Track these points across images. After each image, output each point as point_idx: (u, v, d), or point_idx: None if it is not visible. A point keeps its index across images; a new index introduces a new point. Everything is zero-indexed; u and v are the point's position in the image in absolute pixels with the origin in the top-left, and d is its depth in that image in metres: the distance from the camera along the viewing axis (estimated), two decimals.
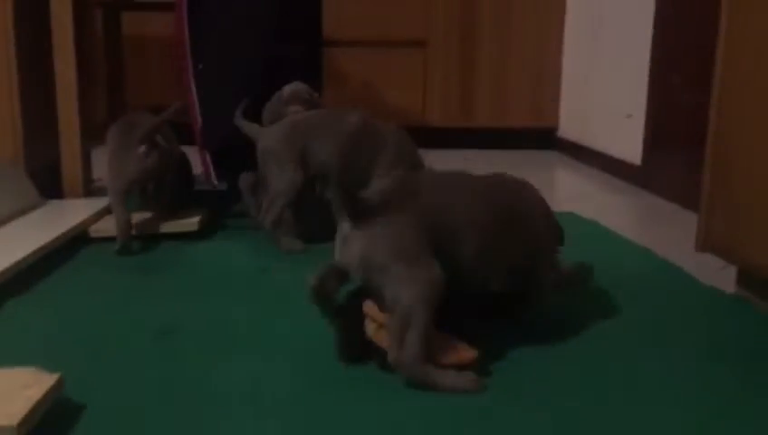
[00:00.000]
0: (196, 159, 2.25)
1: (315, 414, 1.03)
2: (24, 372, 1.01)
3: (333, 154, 1.80)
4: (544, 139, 3.71)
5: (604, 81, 3.26)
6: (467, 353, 1.14)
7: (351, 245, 1.12)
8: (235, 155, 2.17)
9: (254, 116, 2.01)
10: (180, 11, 2.16)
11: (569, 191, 2.86)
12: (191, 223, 1.87)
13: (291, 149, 1.80)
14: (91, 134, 2.46)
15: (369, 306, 1.16)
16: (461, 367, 1.12)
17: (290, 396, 1.08)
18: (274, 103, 2.04)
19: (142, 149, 1.80)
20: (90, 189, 2.33)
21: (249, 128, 1.90)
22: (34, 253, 1.59)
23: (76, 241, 1.81)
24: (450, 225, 1.15)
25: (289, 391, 1.10)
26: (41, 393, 0.95)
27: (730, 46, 1.43)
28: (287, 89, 2.07)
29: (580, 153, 3.43)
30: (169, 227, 1.87)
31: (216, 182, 2.20)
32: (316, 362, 1.19)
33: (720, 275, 1.59)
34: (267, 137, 1.84)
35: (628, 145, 2.94)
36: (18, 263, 1.52)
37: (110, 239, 1.84)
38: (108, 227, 1.87)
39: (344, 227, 1.14)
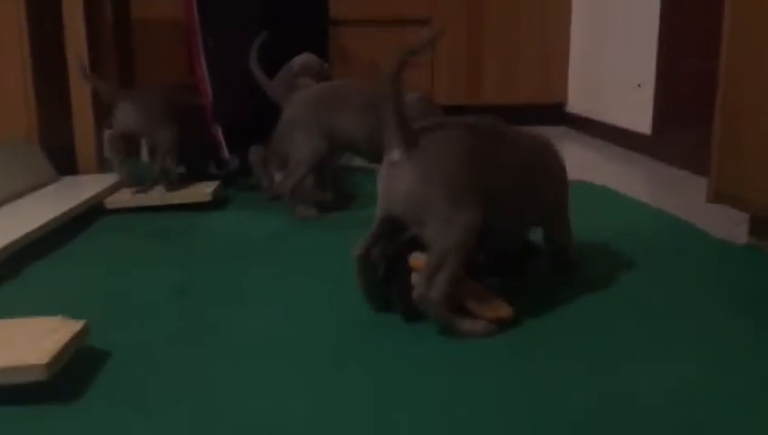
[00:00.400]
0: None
1: (324, 364, 1.05)
2: (51, 320, 1.03)
3: (360, 126, 1.81)
4: (553, 114, 3.71)
5: (613, 52, 3.26)
6: (504, 310, 1.16)
7: (400, 175, 1.09)
8: (246, 128, 2.20)
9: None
10: None
11: (579, 163, 2.86)
12: (205, 193, 1.89)
13: (317, 119, 1.81)
14: (103, 114, 2.49)
15: (415, 259, 1.16)
16: (497, 322, 1.14)
17: (301, 346, 1.09)
18: (285, 74, 2.05)
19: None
20: (104, 167, 2.36)
21: (261, 77, 1.91)
22: (53, 220, 1.61)
23: (92, 212, 1.83)
24: (495, 171, 1.16)
25: (300, 341, 1.11)
26: (68, 336, 0.97)
27: (737, 8, 1.44)
28: (297, 60, 2.08)
29: (590, 127, 3.43)
30: (183, 196, 1.90)
31: (227, 156, 2.22)
32: (328, 316, 1.21)
33: (733, 232, 1.60)
34: (294, 104, 1.84)
35: (638, 115, 2.94)
36: (38, 229, 1.54)
37: (126, 210, 1.87)
38: (123, 198, 1.90)
39: (394, 153, 1.11)
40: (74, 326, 1.01)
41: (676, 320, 1.18)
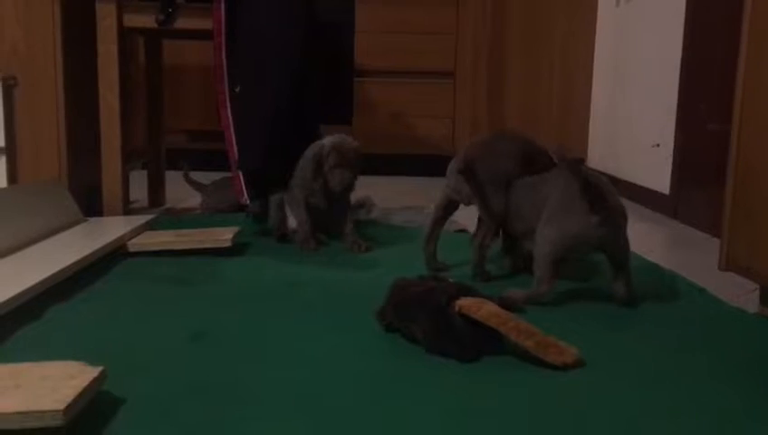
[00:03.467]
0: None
1: (342, 419, 1.06)
2: (70, 365, 1.06)
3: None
4: None
5: (632, 111, 3.29)
6: (569, 354, 1.23)
7: None
8: (269, 176, 2.24)
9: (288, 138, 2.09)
10: (219, 36, 2.26)
11: None
12: (224, 239, 1.93)
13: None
14: (131, 157, 2.56)
15: (463, 301, 1.27)
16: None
17: (318, 399, 1.11)
18: (313, 159, 2.06)
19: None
20: (128, 209, 2.42)
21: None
22: (76, 263, 1.66)
23: (115, 255, 1.88)
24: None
25: (317, 394, 1.13)
26: (85, 383, 1.00)
27: (749, 75, 1.47)
28: (329, 143, 2.08)
29: None
30: (204, 242, 1.94)
31: (248, 202, 2.27)
32: (347, 368, 1.23)
33: (746, 299, 1.60)
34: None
35: (657, 175, 2.96)
36: (61, 272, 1.58)
37: (148, 253, 1.91)
38: (145, 241, 1.95)
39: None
40: (92, 373, 1.04)
41: (683, 387, 1.19)
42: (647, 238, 2.48)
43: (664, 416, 1.09)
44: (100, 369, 1.05)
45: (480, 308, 1.25)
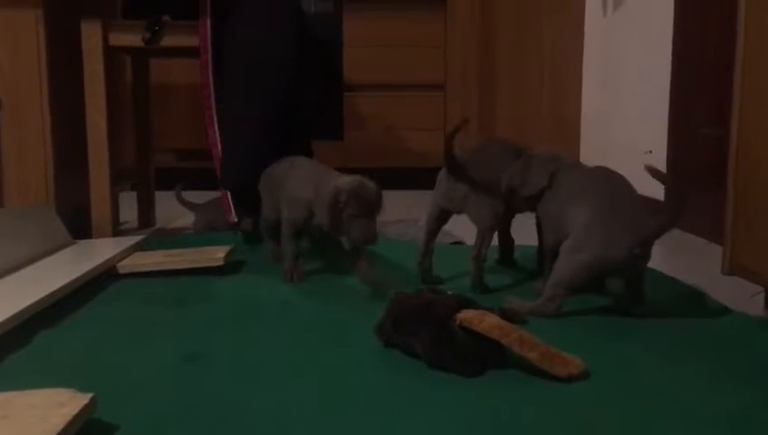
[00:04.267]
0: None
1: None
2: (59, 393, 1.02)
3: None
4: None
5: (623, 118, 3.29)
6: (574, 365, 1.20)
7: None
8: (256, 194, 2.22)
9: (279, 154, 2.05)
10: (205, 53, 2.23)
11: None
12: (217, 258, 1.90)
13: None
14: (120, 179, 2.53)
15: (464, 313, 1.23)
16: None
17: (313, 423, 1.08)
18: (329, 208, 1.69)
19: None
20: (117, 231, 2.38)
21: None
22: (64, 287, 1.61)
23: (105, 278, 1.84)
24: None
25: (313, 417, 1.10)
26: (75, 411, 0.96)
27: (746, 78, 1.46)
28: (346, 190, 1.69)
29: None
30: (196, 261, 1.90)
31: (236, 220, 2.24)
32: (342, 391, 1.19)
33: (749, 303, 1.58)
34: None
35: (650, 181, 2.93)
36: (49, 296, 1.54)
37: (138, 275, 1.87)
38: (136, 263, 1.91)
39: None
40: (82, 400, 1.00)
41: (691, 395, 1.16)
42: None
43: (674, 425, 1.06)
44: (90, 395, 1.01)
45: (482, 320, 1.22)
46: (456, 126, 1.66)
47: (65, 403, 0.98)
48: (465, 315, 1.23)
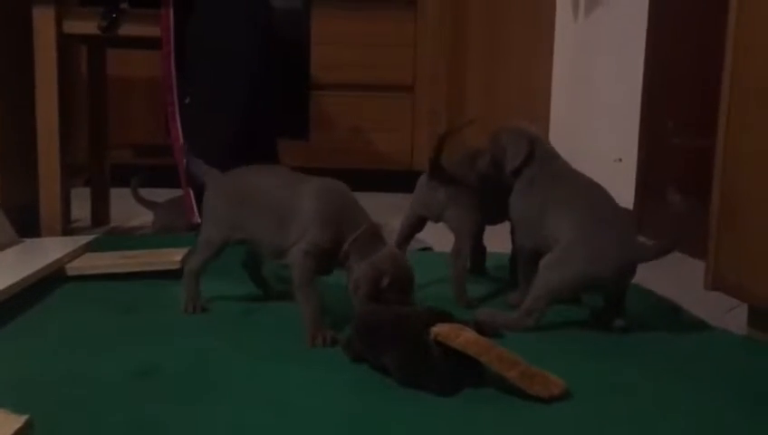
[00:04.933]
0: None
1: None
2: None
3: None
4: None
5: (593, 125, 3.25)
6: (556, 386, 1.14)
7: None
8: None
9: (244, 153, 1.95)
10: (167, 44, 2.12)
11: None
12: (173, 260, 1.79)
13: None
14: (72, 174, 2.40)
15: (439, 330, 1.15)
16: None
17: None
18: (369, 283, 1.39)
19: None
20: (68, 229, 2.25)
21: None
22: (8, 289, 1.49)
23: (52, 280, 1.72)
24: None
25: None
26: None
27: (734, 88, 1.41)
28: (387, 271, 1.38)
29: None
30: (150, 264, 1.79)
31: (199, 220, 2.12)
32: (297, 407, 1.10)
33: (727, 318, 1.53)
34: None
35: (620, 190, 2.90)
36: None
37: (89, 278, 1.75)
38: (86, 264, 1.79)
39: None
40: (16, 422, 0.89)
41: (674, 417, 1.10)
42: None
43: None
44: (25, 418, 0.90)
45: (458, 336, 1.14)
46: (456, 126, 1.65)
47: None
48: (440, 330, 1.15)
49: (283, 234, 1.42)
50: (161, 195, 2.49)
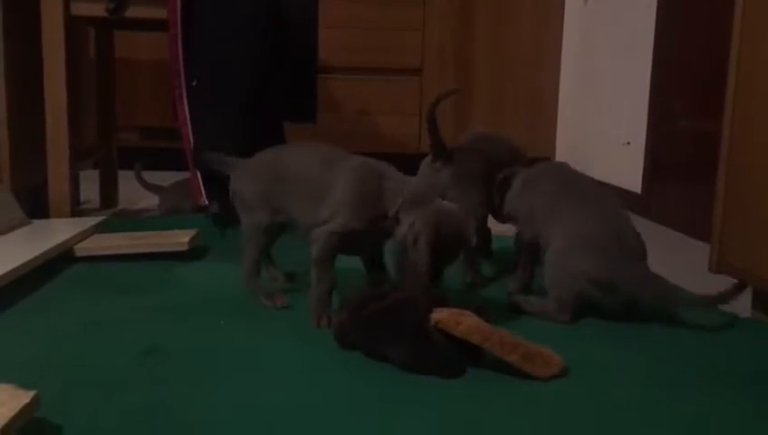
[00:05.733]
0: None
1: None
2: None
3: None
4: None
5: (601, 109, 3.24)
6: (555, 363, 1.15)
7: None
8: (228, 176, 2.12)
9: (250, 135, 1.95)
10: (174, 27, 2.12)
11: None
12: (181, 242, 1.80)
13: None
14: (81, 156, 2.40)
15: (439, 317, 1.15)
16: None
17: (281, 420, 1.00)
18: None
19: None
20: (77, 211, 2.27)
21: None
22: (17, 269, 1.51)
23: (61, 260, 1.73)
24: None
25: (280, 411, 1.02)
26: (14, 411, 0.87)
27: (742, 72, 1.40)
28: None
29: None
30: (158, 245, 1.80)
31: (206, 203, 2.13)
32: (310, 384, 1.12)
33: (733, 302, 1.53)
34: None
35: (628, 173, 2.90)
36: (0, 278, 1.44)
37: (97, 259, 1.77)
38: (94, 246, 1.80)
39: None
40: (23, 398, 0.90)
41: (678, 398, 1.11)
42: None
43: (663, 425, 1.00)
44: (32, 394, 0.92)
45: (459, 323, 1.14)
46: (440, 96, 1.64)
47: (5, 402, 0.89)
48: (441, 317, 1.15)
49: (316, 213, 1.38)
50: (168, 178, 2.50)
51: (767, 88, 1.32)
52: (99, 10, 2.15)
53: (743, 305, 1.49)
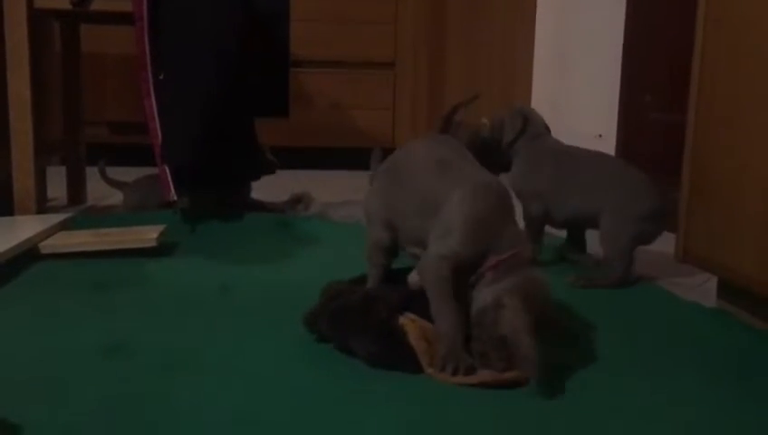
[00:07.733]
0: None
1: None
2: None
3: None
4: None
5: (574, 102, 3.25)
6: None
7: None
8: (197, 170, 2.09)
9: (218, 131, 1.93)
10: (141, 20, 2.09)
11: None
12: (149, 238, 1.78)
13: None
14: (48, 152, 2.36)
15: (411, 320, 1.15)
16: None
17: (251, 422, 0.99)
18: None
19: None
20: (44, 208, 2.23)
21: None
22: None
23: (25, 258, 1.70)
24: None
25: (250, 412, 1.01)
26: None
27: (705, 63, 1.41)
28: None
29: None
30: (125, 242, 1.78)
31: (175, 198, 2.11)
32: (281, 384, 1.10)
33: (699, 292, 1.55)
34: None
35: None
36: None
37: (62, 256, 1.74)
38: (59, 242, 1.78)
39: None
40: None
41: (648, 385, 1.11)
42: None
43: (632, 418, 1.01)
44: None
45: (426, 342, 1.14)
46: (462, 102, 1.73)
47: None
48: (408, 329, 1.15)
49: (423, 223, 1.21)
50: (138, 174, 2.47)
51: (730, 81, 1.33)
52: (63, 2, 2.11)
53: (708, 295, 1.51)
